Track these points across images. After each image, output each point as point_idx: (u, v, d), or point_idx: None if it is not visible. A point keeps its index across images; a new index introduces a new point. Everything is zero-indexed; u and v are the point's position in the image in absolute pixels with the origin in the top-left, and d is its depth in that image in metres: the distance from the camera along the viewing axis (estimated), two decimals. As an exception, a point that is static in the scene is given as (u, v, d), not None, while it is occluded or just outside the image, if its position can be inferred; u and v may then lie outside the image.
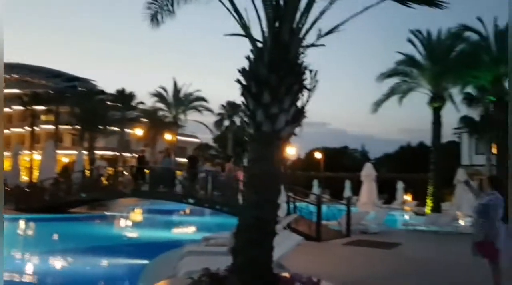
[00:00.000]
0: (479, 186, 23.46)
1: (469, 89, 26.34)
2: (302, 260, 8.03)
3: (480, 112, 30.92)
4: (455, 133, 37.77)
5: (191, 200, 17.03)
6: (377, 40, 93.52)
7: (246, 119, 4.76)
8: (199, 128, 49.77)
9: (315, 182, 31.95)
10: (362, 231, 14.07)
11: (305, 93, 4.75)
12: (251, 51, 4.79)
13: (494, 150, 30.01)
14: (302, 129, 4.81)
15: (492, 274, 6.18)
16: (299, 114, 4.71)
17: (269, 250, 4.86)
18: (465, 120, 31.73)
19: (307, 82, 4.73)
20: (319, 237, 11.75)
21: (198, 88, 44.24)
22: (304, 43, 4.77)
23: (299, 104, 4.74)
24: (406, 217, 21.30)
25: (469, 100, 29.17)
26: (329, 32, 4.84)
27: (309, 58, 4.87)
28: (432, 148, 21.07)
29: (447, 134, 38.00)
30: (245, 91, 4.67)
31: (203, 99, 42.45)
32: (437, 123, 21.05)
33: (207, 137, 53.99)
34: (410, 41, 22.06)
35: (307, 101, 4.74)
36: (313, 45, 4.82)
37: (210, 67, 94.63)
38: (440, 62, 20.84)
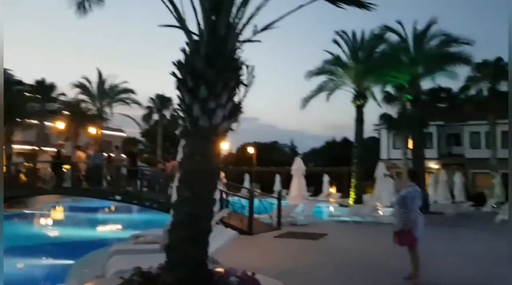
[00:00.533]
0: (396, 179, 25.34)
1: (389, 88, 28.26)
2: (235, 254, 8.09)
3: (398, 110, 33.34)
4: (375, 129, 40.29)
5: (118, 197, 16.38)
6: (310, 38, 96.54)
7: (181, 114, 4.66)
8: (126, 121, 47.86)
9: (247, 177, 32.30)
10: (291, 223, 14.52)
11: (242, 88, 4.75)
12: (187, 43, 4.69)
13: (409, 145, 32.55)
14: (239, 124, 4.82)
15: (411, 260, 6.70)
16: (236, 109, 4.71)
17: (205, 246, 4.82)
18: (384, 117, 33.97)
19: (244, 78, 4.74)
20: (251, 230, 11.92)
21: (125, 79, 42.47)
22: (241, 38, 4.76)
23: (236, 99, 4.74)
24: (332, 208, 22.38)
25: (388, 98, 31.28)
26: (265, 28, 4.88)
27: (244, 53, 4.88)
28: (355, 143, 22.29)
29: (368, 130, 40.51)
30: (181, 84, 4.56)
31: (130, 91, 40.81)
32: (359, 120, 22.34)
33: (134, 131, 52.09)
34: (335, 41, 23.11)
35: (244, 96, 4.75)
36: (249, 40, 4.83)
37: (139, 58, 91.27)
38: (363, 62, 22.11)
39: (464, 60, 21.35)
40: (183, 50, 4.64)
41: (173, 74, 4.60)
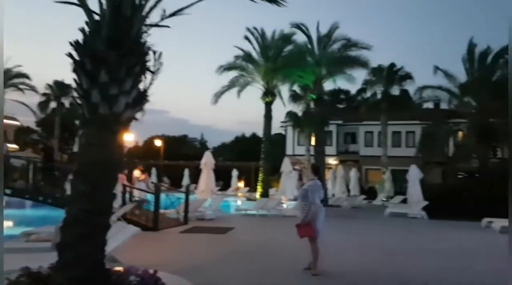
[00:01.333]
0: (299, 173, 26.53)
1: (296, 87, 29.42)
2: (138, 251, 7.72)
3: (303, 108, 34.93)
4: (282, 126, 41.79)
5: (8, 191, 14.69)
6: (225, 32, 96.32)
7: (79, 100, 4.24)
8: (19, 109, 43.12)
9: (154, 171, 31.30)
10: (199, 218, 14.37)
11: (148, 75, 4.47)
12: (86, 23, 4.27)
13: (312, 142, 34.29)
14: (144, 114, 4.53)
15: (312, 250, 6.98)
16: (141, 97, 4.41)
17: (102, 244, 4.46)
18: (290, 115, 35.39)
19: (150, 64, 4.46)
20: (156, 226, 11.51)
21: (19, 63, 38.33)
22: (148, 22, 4.47)
23: (141, 86, 4.44)
24: (239, 202, 22.67)
25: (295, 97, 32.62)
26: (174, 13, 4.65)
27: (153, 39, 4.60)
28: (264, 139, 22.81)
29: (276, 126, 41.78)
30: (78, 67, 4.13)
31: (25, 76, 37.00)
32: (268, 116, 22.91)
33: (29, 120, 47.32)
34: (246, 38, 23.37)
35: (151, 84, 4.47)
36: (157, 25, 4.56)
37: (36, 40, 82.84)
38: (272, 60, 22.70)
39: (362, 64, 23.05)
40: (82, 30, 4.21)
41: (70, 55, 4.15)
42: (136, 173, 14.79)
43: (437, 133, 27.92)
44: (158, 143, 40.54)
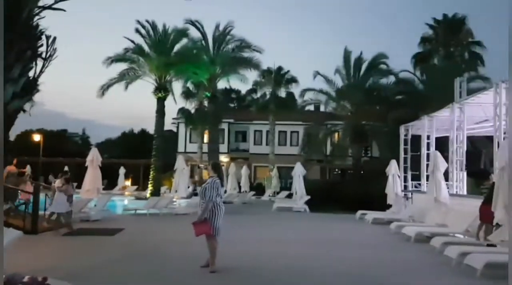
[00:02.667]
0: (191, 171, 26.36)
1: (189, 84, 29.16)
2: (18, 257, 6.91)
3: (196, 106, 34.85)
4: (173, 122, 41.09)
5: None
6: (116, 21, 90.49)
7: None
8: None
9: (28, 168, 28.11)
10: (83, 219, 13.38)
11: (40, 62, 4.05)
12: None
13: (205, 139, 34.40)
14: (34, 104, 4.09)
15: (209, 248, 7.01)
16: (31, 86, 3.98)
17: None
18: (183, 112, 35.03)
19: (42, 49, 4.04)
20: (36, 229, 10.42)
21: None
22: (41, 3, 4.05)
23: (31, 74, 4.01)
24: (127, 202, 21.66)
25: (188, 93, 32.36)
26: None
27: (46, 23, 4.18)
28: (156, 136, 22.14)
29: (166, 123, 40.87)
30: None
31: None
32: (160, 112, 22.27)
33: None
34: (137, 31, 22.38)
35: (42, 71, 4.06)
36: (50, 7, 4.16)
37: None
38: (165, 55, 22.12)
39: (255, 66, 23.88)
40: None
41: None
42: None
43: (317, 134, 30.38)
44: (36, 137, 36.58)
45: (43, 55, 4.04)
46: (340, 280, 6.85)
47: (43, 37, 4.01)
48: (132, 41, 22.29)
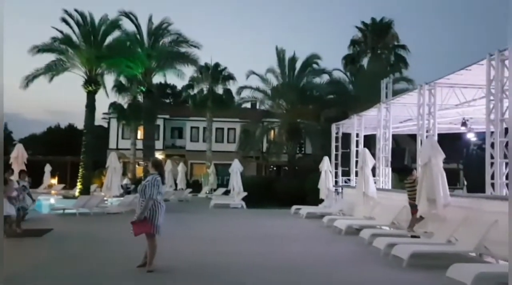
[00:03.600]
0: (123, 168, 25.40)
1: (121, 78, 28.04)
2: None
3: (129, 100, 33.63)
4: (104, 118, 39.33)
5: None
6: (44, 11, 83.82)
7: None
8: None
9: None
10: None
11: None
12: None
13: (139, 135, 33.36)
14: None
15: (149, 247, 6.83)
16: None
17: None
18: (115, 107, 33.59)
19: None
20: None
21: None
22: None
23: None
24: (54, 201, 20.38)
25: (120, 88, 31.12)
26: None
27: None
28: (85, 131, 21.04)
29: (96, 118, 39.09)
30: None
31: None
32: (91, 107, 21.14)
33: None
34: (64, 20, 21.05)
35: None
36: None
37: None
38: (97, 47, 21.03)
39: (192, 61, 23.55)
40: None
41: None
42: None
43: (254, 131, 30.80)
44: None
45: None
46: (275, 273, 7.04)
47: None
48: (61, 31, 20.94)
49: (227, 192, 25.29)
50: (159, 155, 34.58)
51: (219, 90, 35.47)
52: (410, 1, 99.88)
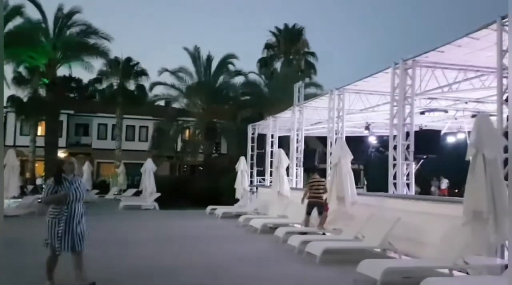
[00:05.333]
0: (21, 167, 23.11)
1: (21, 69, 25.51)
2: None
3: (29, 93, 30.67)
4: None
5: None
6: None
7: None
8: None
9: None
10: None
11: None
12: None
13: (40, 131, 30.61)
14: None
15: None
16: None
17: None
18: (14, 100, 30.40)
19: None
20: None
21: None
22: None
23: None
24: None
25: (20, 80, 28.29)
26: None
27: None
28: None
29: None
30: None
31: None
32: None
33: None
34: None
35: None
36: None
37: None
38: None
39: (101, 53, 22.25)
40: None
41: None
42: None
43: (168, 129, 30.09)
44: None
45: None
46: (191, 274, 6.95)
47: None
48: None
49: (138, 193, 24.32)
50: (62, 153, 32.08)
51: (131, 85, 34.01)
52: (325, 9, 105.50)
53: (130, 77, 34.03)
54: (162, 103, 34.71)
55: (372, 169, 27.15)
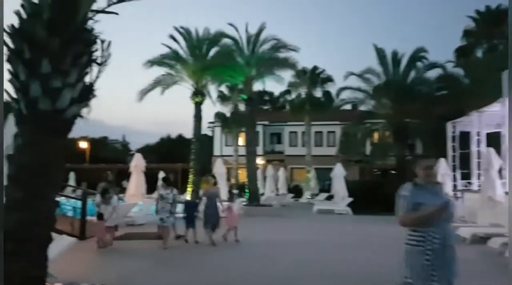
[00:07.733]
0: (227, 174, 26.18)
1: (223, 88, 29.14)
2: (70, 263, 6.97)
3: (231, 109, 34.92)
4: (209, 126, 41.41)
5: None
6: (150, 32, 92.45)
7: (14, 94, 3.64)
8: None
9: (72, 175, 29.02)
10: (129, 223, 13.54)
11: (95, 67, 3.99)
12: (22, 6, 3.69)
13: (240, 142, 34.36)
14: (90, 110, 4.03)
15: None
16: (88, 91, 3.92)
17: (41, 259, 3.90)
18: (219, 115, 35.19)
19: (97, 54, 3.98)
20: (84, 235, 10.60)
21: None
22: (95, 7, 3.99)
23: (87, 79, 3.95)
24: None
25: (222, 97, 32.48)
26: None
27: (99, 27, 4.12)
28: (194, 140, 22.22)
29: (203, 127, 41.39)
30: (14, 56, 3.55)
31: None
32: (198, 117, 22.29)
33: None
34: (171, 37, 22.51)
35: (98, 77, 4.00)
36: (104, 11, 4.10)
37: None
38: (201, 59, 22.14)
39: (291, 66, 23.52)
40: (18, 13, 3.63)
41: (4, 42, 3.55)
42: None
43: (355, 133, 29.62)
44: (83, 145, 37.98)
45: (98, 60, 3.97)
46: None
47: (98, 41, 3.95)
48: (169, 47, 22.46)
49: (329, 197, 24.70)
50: (259, 161, 35.29)
51: (317, 93, 35.04)
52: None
53: (316, 85, 35.15)
54: (348, 106, 34.63)
55: None
